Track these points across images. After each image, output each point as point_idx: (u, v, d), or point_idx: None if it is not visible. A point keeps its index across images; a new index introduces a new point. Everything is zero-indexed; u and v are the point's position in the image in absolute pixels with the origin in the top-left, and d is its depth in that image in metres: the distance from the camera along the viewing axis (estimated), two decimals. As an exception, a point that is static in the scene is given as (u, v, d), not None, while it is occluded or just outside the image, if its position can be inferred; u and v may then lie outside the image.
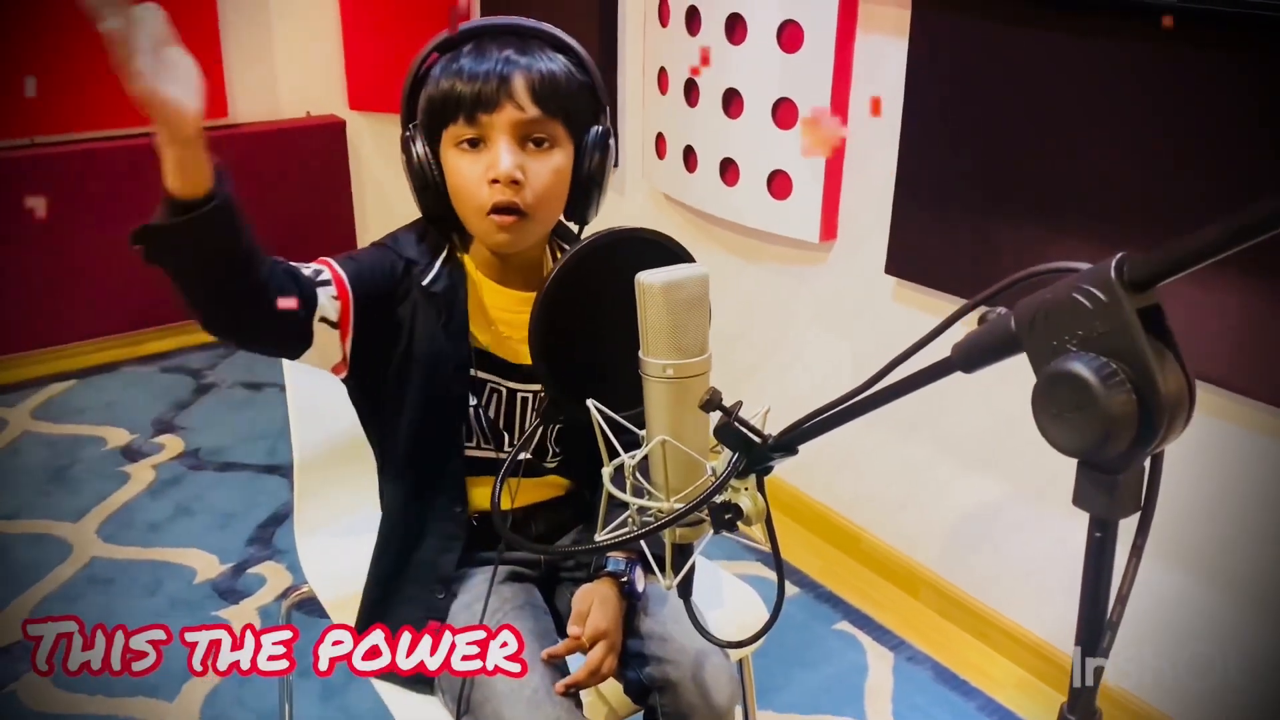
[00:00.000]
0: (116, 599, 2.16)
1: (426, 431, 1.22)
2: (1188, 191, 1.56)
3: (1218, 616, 1.70)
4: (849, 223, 2.21)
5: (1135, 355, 0.52)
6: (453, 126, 1.14)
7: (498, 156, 1.12)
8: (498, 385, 1.24)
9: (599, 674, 1.13)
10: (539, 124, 1.14)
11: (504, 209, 1.13)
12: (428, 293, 1.18)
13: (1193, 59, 1.52)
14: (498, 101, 1.11)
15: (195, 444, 2.81)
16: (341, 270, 1.15)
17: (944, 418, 2.09)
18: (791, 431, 0.77)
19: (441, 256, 1.22)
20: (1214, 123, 1.52)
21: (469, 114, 1.12)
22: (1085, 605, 0.59)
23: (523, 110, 1.12)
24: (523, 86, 1.12)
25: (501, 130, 1.12)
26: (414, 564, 1.24)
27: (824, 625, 2.17)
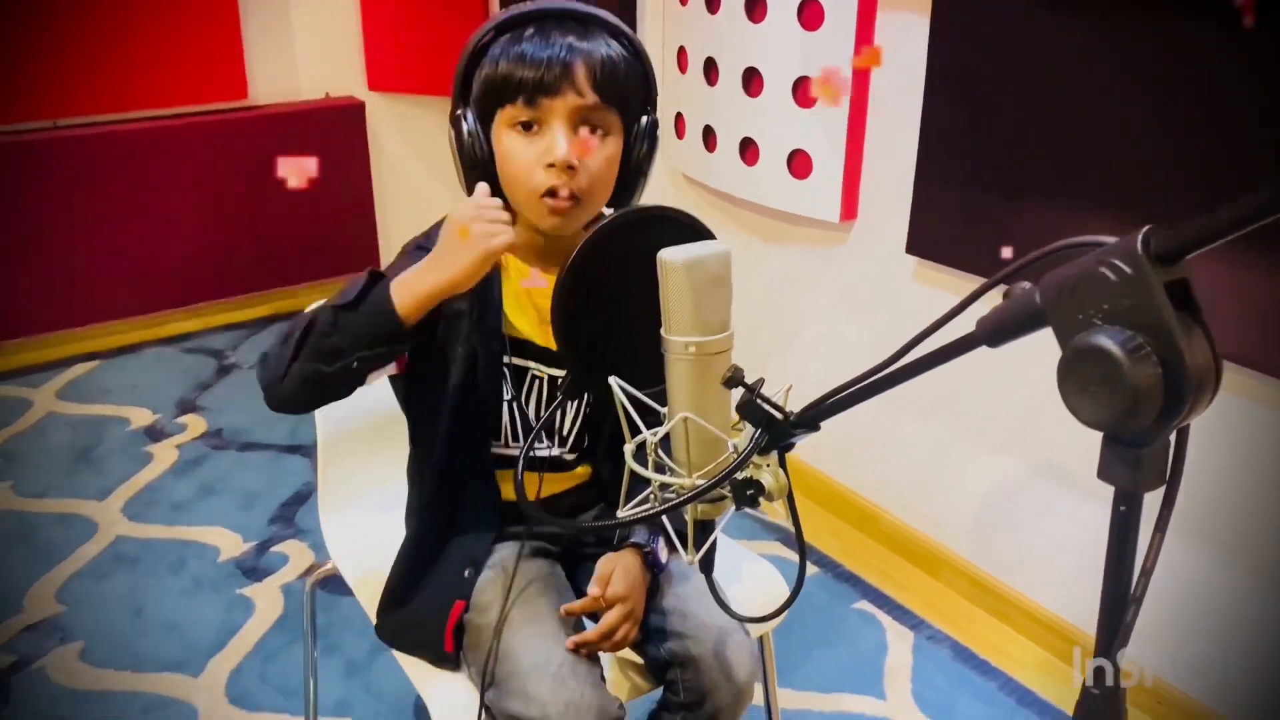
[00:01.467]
0: (142, 577, 2.18)
1: (461, 423, 1.22)
2: (1209, 171, 1.54)
3: (1244, 601, 1.68)
4: (869, 202, 2.20)
5: (1161, 328, 0.52)
6: (510, 108, 1.12)
7: (555, 141, 1.11)
8: (539, 372, 1.24)
9: (614, 639, 1.14)
10: (596, 111, 1.13)
11: (560, 192, 1.12)
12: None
13: (1218, 38, 1.50)
14: (559, 87, 1.10)
15: (218, 424, 2.83)
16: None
17: (966, 399, 2.08)
18: (814, 408, 0.77)
19: None
20: (1239, 102, 1.50)
21: (529, 97, 1.11)
22: (1109, 580, 0.59)
23: (582, 97, 1.11)
24: (584, 73, 1.11)
25: (560, 115, 1.11)
26: (445, 550, 1.26)
27: (844, 605, 2.17)
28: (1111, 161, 1.68)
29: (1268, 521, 1.64)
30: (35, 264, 3.11)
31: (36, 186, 3.05)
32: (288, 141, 3.40)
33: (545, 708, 1.06)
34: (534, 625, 1.14)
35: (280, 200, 3.44)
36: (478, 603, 1.19)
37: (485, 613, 1.17)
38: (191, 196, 3.30)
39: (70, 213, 3.11)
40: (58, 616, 2.05)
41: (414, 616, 1.25)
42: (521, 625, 1.14)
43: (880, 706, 1.89)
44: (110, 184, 3.16)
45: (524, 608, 1.16)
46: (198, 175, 3.29)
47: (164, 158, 3.22)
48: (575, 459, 1.31)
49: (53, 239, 3.11)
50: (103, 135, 3.12)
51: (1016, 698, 1.92)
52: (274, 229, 3.48)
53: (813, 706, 1.88)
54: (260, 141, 3.35)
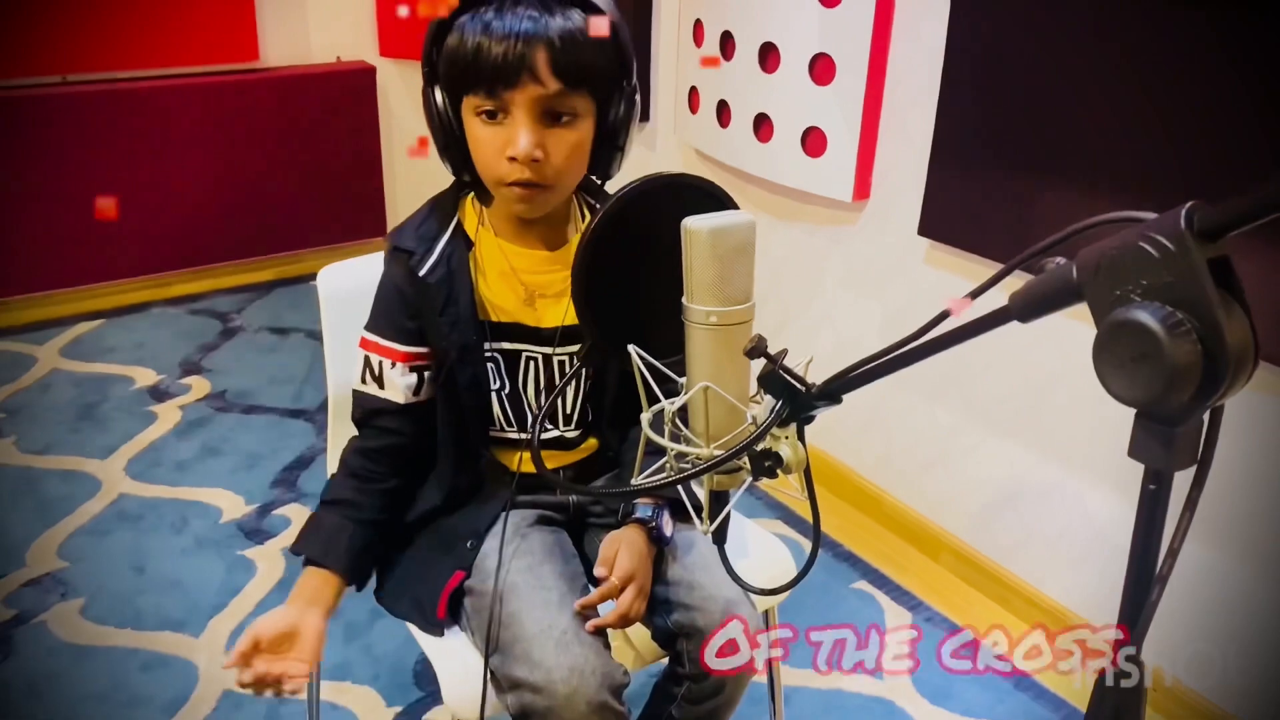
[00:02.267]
0: (144, 535, 2.19)
1: (454, 413, 1.23)
2: (1227, 157, 1.53)
3: (1250, 597, 1.68)
4: (883, 183, 2.19)
5: (1202, 305, 0.52)
6: (472, 96, 1.10)
7: (516, 135, 1.09)
8: (533, 353, 1.24)
9: (628, 617, 1.14)
10: (560, 98, 1.09)
11: (523, 184, 1.12)
12: (426, 283, 1.18)
13: (1234, 22, 1.48)
14: (518, 78, 1.07)
15: (221, 386, 2.83)
16: (387, 341, 1.21)
17: (973, 382, 2.08)
18: (837, 380, 0.76)
19: (444, 238, 1.20)
20: (1258, 87, 1.49)
21: (489, 87, 1.08)
22: (1135, 559, 0.58)
23: (544, 86, 1.08)
24: (544, 61, 1.06)
25: (521, 106, 1.08)
26: (447, 527, 1.26)
27: (843, 584, 2.18)
28: (1128, 147, 1.67)
29: (1273, 516, 1.64)
30: (41, 220, 3.10)
31: (45, 142, 3.03)
32: (298, 105, 3.39)
33: (550, 673, 1.06)
34: (539, 591, 1.14)
35: (288, 164, 3.43)
36: (481, 568, 1.19)
37: (489, 578, 1.17)
38: (200, 157, 3.29)
39: (78, 169, 3.10)
40: (60, 572, 2.06)
41: (413, 583, 1.25)
42: (526, 591, 1.14)
43: (878, 686, 1.90)
44: (119, 142, 3.14)
45: (528, 574, 1.16)
46: (207, 136, 3.27)
47: (173, 117, 3.21)
48: (579, 435, 1.31)
49: (59, 195, 3.10)
50: (112, 92, 3.11)
51: (1013, 681, 1.93)
52: (282, 193, 3.47)
53: (809, 684, 1.89)
54: (270, 104, 3.33)
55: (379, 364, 1.22)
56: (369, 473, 1.23)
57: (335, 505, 1.21)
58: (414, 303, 1.20)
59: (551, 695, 1.06)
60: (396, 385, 1.22)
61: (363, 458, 1.23)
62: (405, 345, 1.21)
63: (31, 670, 1.81)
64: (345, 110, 3.51)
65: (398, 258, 1.20)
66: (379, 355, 1.22)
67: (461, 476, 1.26)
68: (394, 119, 3.64)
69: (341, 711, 1.76)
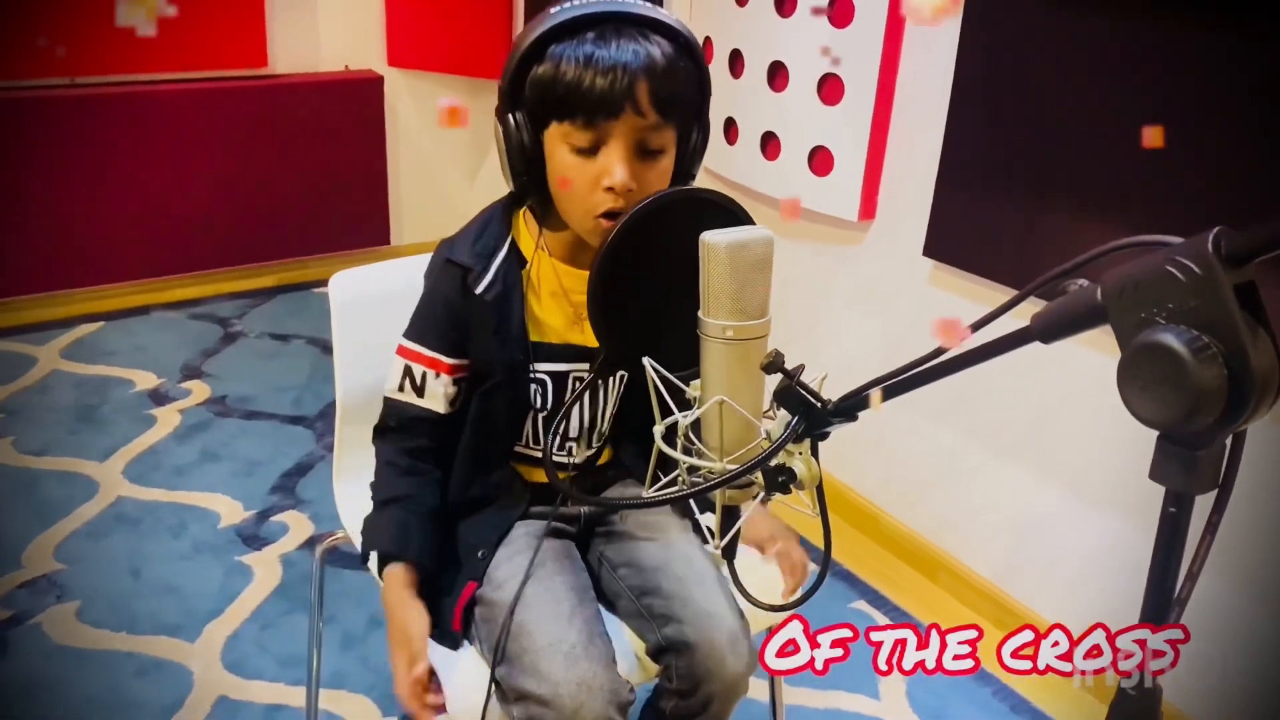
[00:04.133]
0: (143, 539, 2.18)
1: (487, 430, 1.23)
2: (1238, 182, 1.54)
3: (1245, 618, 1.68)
4: (889, 203, 2.19)
5: (1228, 329, 0.52)
6: (568, 124, 1.08)
7: (613, 165, 1.08)
8: (580, 374, 1.23)
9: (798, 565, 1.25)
10: (654, 131, 1.09)
11: (614, 215, 1.09)
12: (481, 300, 1.17)
13: (1246, 46, 1.50)
14: (621, 108, 1.05)
15: (221, 391, 2.82)
16: (433, 352, 1.21)
17: (976, 405, 2.08)
18: (853, 397, 0.77)
19: (501, 255, 1.19)
20: (1268, 112, 1.50)
21: (589, 117, 1.06)
22: (1154, 580, 0.58)
23: (644, 118, 1.07)
24: (645, 92, 1.06)
25: (619, 137, 1.07)
26: (459, 538, 1.26)
27: (841, 604, 2.17)
28: (1136, 172, 1.68)
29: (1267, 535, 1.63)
30: (45, 221, 3.10)
31: (51, 144, 3.03)
32: (305, 112, 3.40)
33: (557, 687, 1.06)
34: (549, 604, 1.14)
35: (293, 171, 3.44)
36: (493, 578, 1.19)
37: (500, 588, 1.16)
38: (205, 162, 3.29)
39: (83, 171, 3.10)
40: (56, 574, 2.05)
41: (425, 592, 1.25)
42: (536, 603, 1.14)
43: (875, 706, 1.89)
44: (124, 145, 3.14)
45: (539, 585, 1.16)
46: (212, 141, 3.28)
47: (180, 122, 3.21)
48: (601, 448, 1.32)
49: (63, 197, 3.10)
50: (119, 95, 3.11)
51: (1010, 704, 1.92)
52: (286, 200, 3.47)
53: (807, 703, 1.88)
54: (277, 111, 3.34)
55: (422, 374, 1.21)
56: (418, 468, 1.24)
57: (395, 502, 1.21)
58: (464, 317, 1.19)
59: (559, 709, 1.06)
60: (438, 395, 1.22)
61: (409, 456, 1.24)
62: (450, 357, 1.21)
63: (25, 673, 1.80)
64: (352, 118, 3.52)
65: (450, 271, 1.19)
66: (422, 365, 1.21)
67: (476, 487, 1.26)
68: (400, 128, 3.65)
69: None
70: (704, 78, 1.14)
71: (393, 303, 1.25)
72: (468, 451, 1.25)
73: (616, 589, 1.25)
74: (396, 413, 1.24)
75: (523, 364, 1.20)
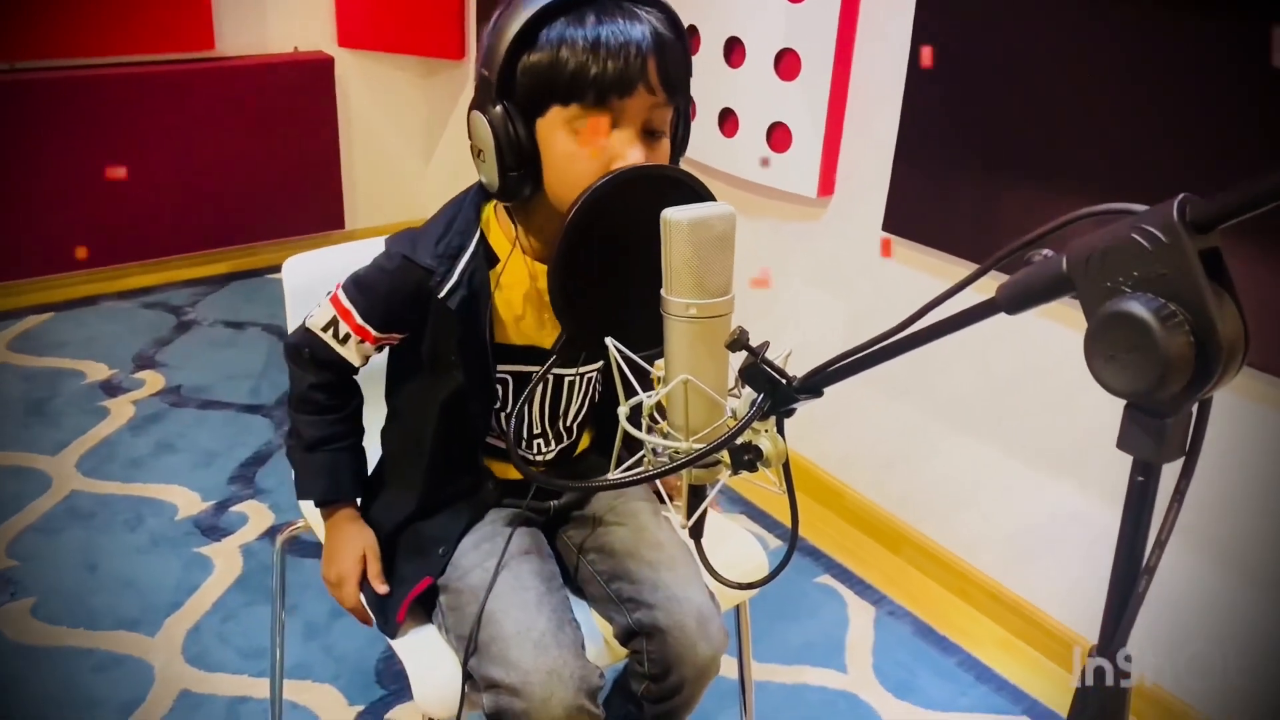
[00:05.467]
0: (98, 533, 2.14)
1: (451, 430, 1.20)
2: (1192, 155, 1.55)
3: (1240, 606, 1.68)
4: (847, 179, 2.19)
5: (1194, 297, 0.52)
6: (576, 106, 1.01)
7: (627, 147, 1.02)
8: (549, 375, 1.22)
9: None
10: (660, 110, 1.04)
11: None
12: (444, 307, 1.11)
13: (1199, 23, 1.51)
14: (634, 85, 1.00)
15: (176, 381, 2.78)
16: (364, 321, 1.18)
17: (936, 379, 2.10)
18: (819, 373, 0.76)
19: (465, 258, 1.12)
20: (1220, 86, 1.51)
21: (600, 96, 1.00)
22: (1123, 548, 0.58)
23: (654, 95, 1.02)
24: (654, 68, 1.01)
25: (631, 117, 1.02)
26: (419, 532, 1.24)
27: (806, 579, 2.18)
28: (1092, 145, 1.69)
29: (1264, 524, 1.63)
30: (-12, 211, 3.03)
31: (-8, 130, 2.96)
32: (254, 96, 3.34)
33: (527, 675, 1.05)
34: (517, 592, 1.13)
35: (244, 156, 3.37)
36: (458, 565, 1.17)
37: (466, 576, 1.15)
38: (153, 147, 3.22)
39: (26, 159, 3.02)
40: (9, 571, 2.00)
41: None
42: (505, 591, 1.12)
43: (842, 679, 1.90)
44: (69, 131, 3.06)
45: (507, 574, 1.14)
46: (160, 126, 3.21)
47: (126, 106, 3.14)
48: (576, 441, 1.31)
49: (5, 187, 3.02)
50: (62, 80, 3.03)
51: (975, 674, 1.94)
52: (237, 185, 3.41)
53: (774, 678, 1.89)
54: (226, 94, 3.28)
55: (346, 333, 1.18)
56: (336, 403, 1.25)
57: (321, 444, 1.25)
58: (413, 315, 1.15)
59: (528, 698, 1.05)
60: (356, 353, 1.20)
61: (323, 392, 1.24)
62: (380, 331, 1.18)
63: (-19, 672, 1.76)
64: (303, 101, 3.46)
65: (409, 269, 1.12)
66: (349, 327, 1.18)
67: (442, 484, 1.23)
68: (352, 110, 3.60)
69: (302, 711, 1.73)
70: (689, 54, 1.11)
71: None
72: (434, 456, 1.22)
73: (586, 575, 1.24)
74: (314, 348, 1.20)
75: (488, 370, 1.16)
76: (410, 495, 1.24)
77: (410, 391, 1.25)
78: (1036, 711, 1.85)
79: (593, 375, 1.26)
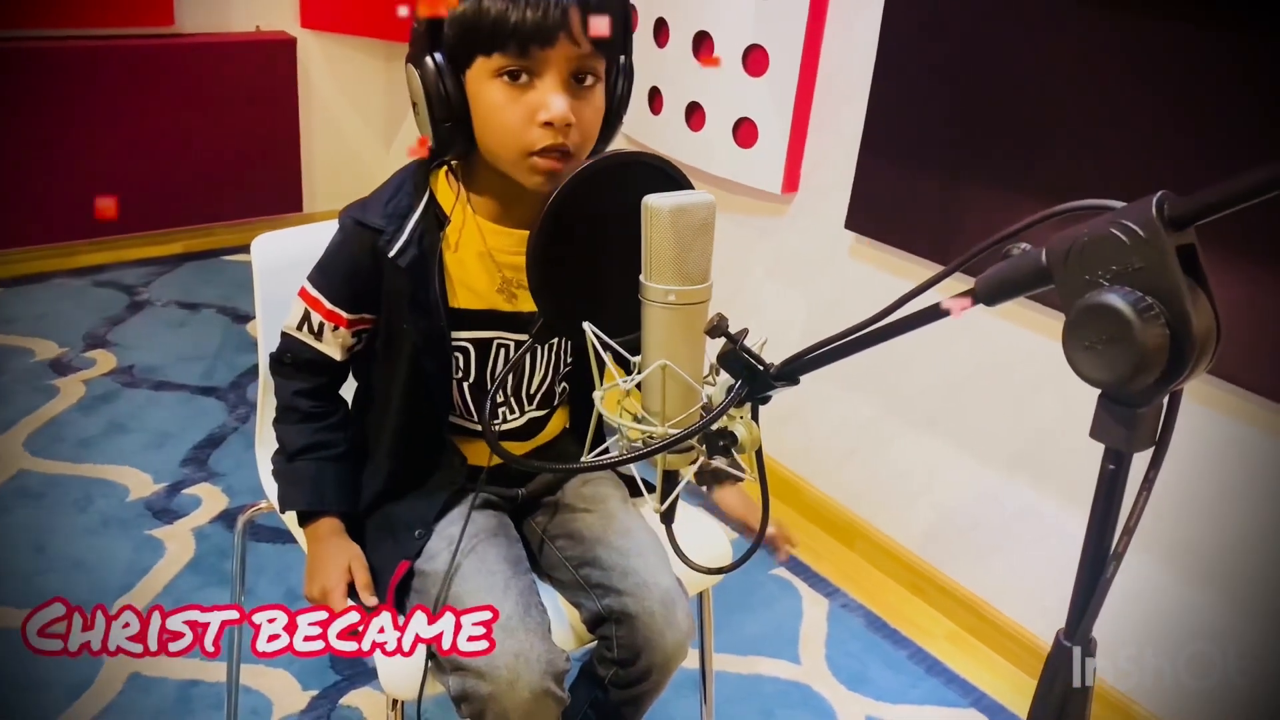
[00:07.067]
0: (46, 513, 2.10)
1: (414, 402, 1.20)
2: (1157, 156, 1.59)
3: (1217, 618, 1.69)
4: (812, 176, 2.21)
5: (1170, 291, 0.53)
6: (497, 56, 1.03)
7: (549, 98, 1.03)
8: (504, 340, 1.20)
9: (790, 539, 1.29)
10: (588, 60, 1.05)
11: (552, 150, 1.06)
12: (394, 265, 1.13)
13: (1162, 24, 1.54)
14: (556, 35, 1.01)
15: (128, 361, 2.73)
16: (333, 304, 1.18)
17: (893, 375, 2.12)
18: (795, 361, 0.77)
19: (414, 217, 1.14)
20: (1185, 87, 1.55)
21: (521, 46, 1.01)
22: (1092, 535, 0.60)
23: (578, 45, 1.03)
24: (578, 18, 1.02)
25: (555, 66, 1.03)
26: (393, 514, 1.24)
27: (762, 571, 2.20)
28: (1056, 146, 1.72)
29: (1227, 532, 1.65)
30: (-65, 183, 2.96)
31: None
32: (213, 74, 3.29)
33: (493, 659, 1.05)
34: (484, 576, 1.12)
35: (202, 135, 3.33)
36: (428, 549, 1.17)
37: (433, 559, 1.15)
38: (107, 124, 3.16)
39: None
40: (-46, 550, 1.97)
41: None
42: (471, 574, 1.12)
43: (795, 671, 1.93)
44: (21, 104, 3.00)
45: (473, 558, 1.14)
46: (116, 102, 3.15)
47: (81, 81, 3.08)
48: (545, 415, 1.30)
49: (-45, 158, 2.96)
50: (14, 51, 2.96)
51: (926, 666, 1.98)
52: (194, 164, 3.36)
53: (729, 669, 1.91)
54: (185, 72, 3.23)
55: (319, 323, 1.19)
56: (321, 410, 1.24)
57: (305, 452, 1.22)
58: (372, 280, 1.15)
59: (494, 680, 1.05)
60: (335, 344, 1.20)
61: (308, 399, 1.23)
62: (350, 312, 1.18)
63: (-76, 652, 1.73)
64: (263, 82, 3.41)
65: (360, 233, 1.14)
66: (320, 315, 1.19)
67: (409, 464, 1.23)
68: (314, 92, 3.56)
69: (255, 695, 1.72)
70: (627, 10, 1.12)
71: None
72: (398, 431, 1.22)
73: (554, 561, 1.25)
74: (294, 350, 1.22)
75: (442, 332, 1.16)
76: (377, 475, 1.24)
77: (373, 367, 1.24)
78: (985, 704, 1.89)
79: (555, 342, 1.25)
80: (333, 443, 1.23)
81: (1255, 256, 1.47)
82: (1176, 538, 1.69)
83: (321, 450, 1.22)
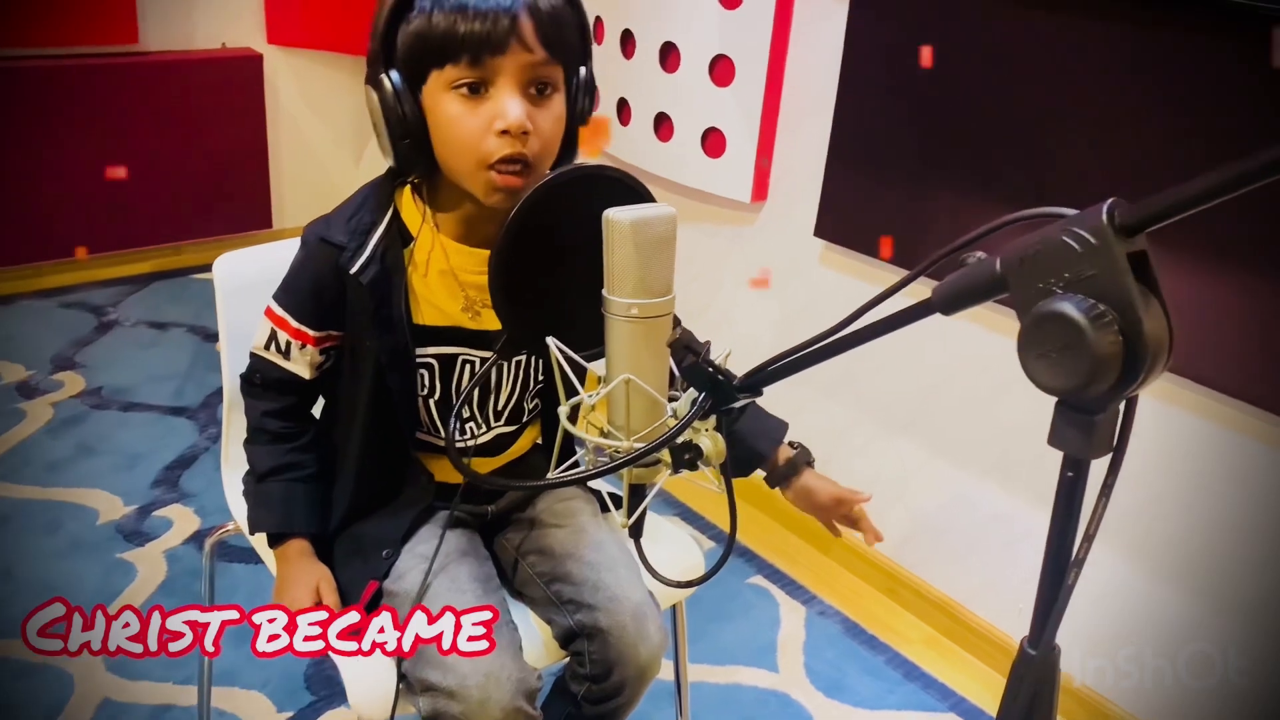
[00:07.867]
0: (13, 538, 2.08)
1: (379, 419, 1.19)
2: (1121, 164, 1.60)
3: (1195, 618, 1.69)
4: (780, 184, 2.22)
5: (1122, 297, 0.54)
6: (450, 68, 1.03)
7: (504, 105, 1.03)
8: (469, 357, 1.20)
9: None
10: (544, 68, 1.05)
11: (510, 161, 1.05)
12: (356, 282, 1.12)
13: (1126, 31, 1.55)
14: (507, 43, 1.01)
15: (97, 382, 2.70)
16: (299, 322, 1.18)
17: (864, 381, 2.13)
18: (759, 372, 0.77)
19: (377, 234, 1.13)
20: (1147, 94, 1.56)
21: (474, 56, 1.01)
22: (1053, 541, 0.60)
23: (531, 53, 1.03)
24: (531, 26, 1.02)
25: (508, 75, 1.03)
26: (360, 534, 1.23)
27: (738, 579, 2.20)
28: (1021, 153, 1.73)
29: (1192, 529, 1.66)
30: (-103, 205, 2.92)
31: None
32: (179, 92, 3.26)
33: (464, 678, 1.04)
34: (454, 594, 1.12)
35: (169, 154, 3.30)
36: (396, 568, 1.17)
37: (402, 579, 1.14)
38: (73, 143, 3.12)
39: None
40: (-80, 577, 1.94)
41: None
42: (441, 594, 1.12)
43: (773, 679, 1.93)
44: (-11, 124, 2.97)
45: (444, 577, 1.14)
46: (81, 121, 3.11)
47: (44, 101, 3.04)
48: (515, 431, 1.29)
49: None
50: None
51: (903, 672, 1.98)
52: (162, 184, 3.33)
53: (707, 679, 1.90)
54: (150, 90, 3.20)
55: (286, 342, 1.18)
56: (290, 431, 1.23)
57: (275, 473, 1.21)
58: (334, 297, 1.15)
59: (465, 700, 1.04)
60: (303, 363, 1.20)
61: (278, 419, 1.22)
62: (316, 330, 1.18)
63: (-111, 683, 1.70)
64: (230, 99, 3.39)
65: (323, 249, 1.14)
66: (287, 334, 1.18)
67: (376, 482, 1.23)
68: (281, 109, 3.54)
69: (229, 718, 1.70)
70: (584, 21, 1.12)
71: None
72: (364, 447, 1.21)
73: (525, 577, 1.24)
74: (263, 370, 1.21)
75: (406, 349, 1.16)
76: (344, 492, 1.23)
77: (339, 384, 1.24)
78: (963, 708, 1.89)
79: (522, 359, 1.25)
80: (302, 464, 1.23)
81: (1217, 255, 1.49)
82: (1151, 538, 1.71)
83: (291, 471, 1.22)
